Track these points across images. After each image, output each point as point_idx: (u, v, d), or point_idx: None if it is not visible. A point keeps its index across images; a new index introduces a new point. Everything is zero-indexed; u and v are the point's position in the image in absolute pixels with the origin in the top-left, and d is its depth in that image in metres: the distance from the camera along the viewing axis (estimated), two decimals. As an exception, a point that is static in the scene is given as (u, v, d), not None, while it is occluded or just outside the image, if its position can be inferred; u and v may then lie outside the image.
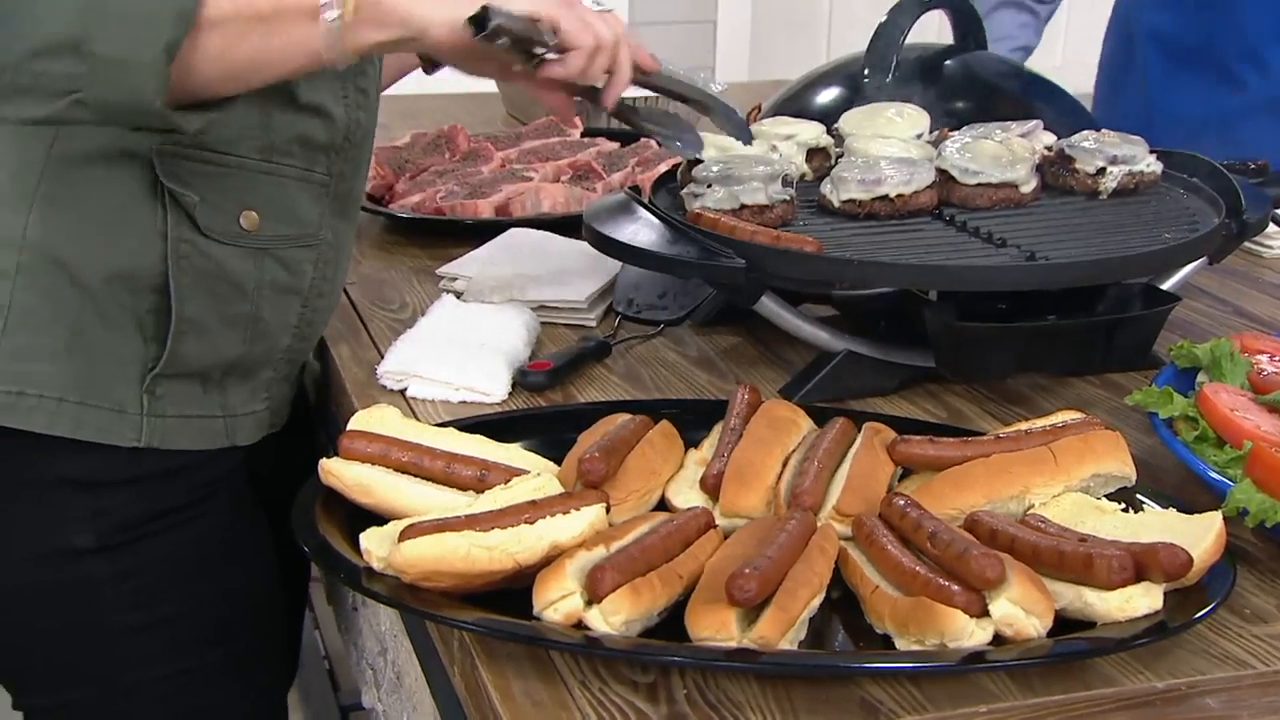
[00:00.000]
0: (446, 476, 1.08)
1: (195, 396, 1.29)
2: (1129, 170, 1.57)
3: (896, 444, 1.12)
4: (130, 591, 1.30)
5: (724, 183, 1.48)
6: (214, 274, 1.27)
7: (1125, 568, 0.91)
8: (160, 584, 1.29)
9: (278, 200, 1.30)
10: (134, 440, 1.26)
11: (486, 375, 1.42)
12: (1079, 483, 1.09)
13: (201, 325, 1.27)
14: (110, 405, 1.25)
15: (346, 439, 1.09)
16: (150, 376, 1.25)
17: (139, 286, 1.23)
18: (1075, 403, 1.44)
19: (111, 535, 1.27)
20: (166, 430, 1.27)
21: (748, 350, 1.59)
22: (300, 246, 1.34)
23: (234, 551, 1.36)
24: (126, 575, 1.29)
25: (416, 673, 1.16)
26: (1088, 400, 1.44)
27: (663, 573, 0.94)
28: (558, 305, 1.67)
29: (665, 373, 1.54)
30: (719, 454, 1.15)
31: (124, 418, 1.25)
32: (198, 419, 1.30)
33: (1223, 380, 1.23)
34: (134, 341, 1.24)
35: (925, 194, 1.51)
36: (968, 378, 1.39)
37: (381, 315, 1.71)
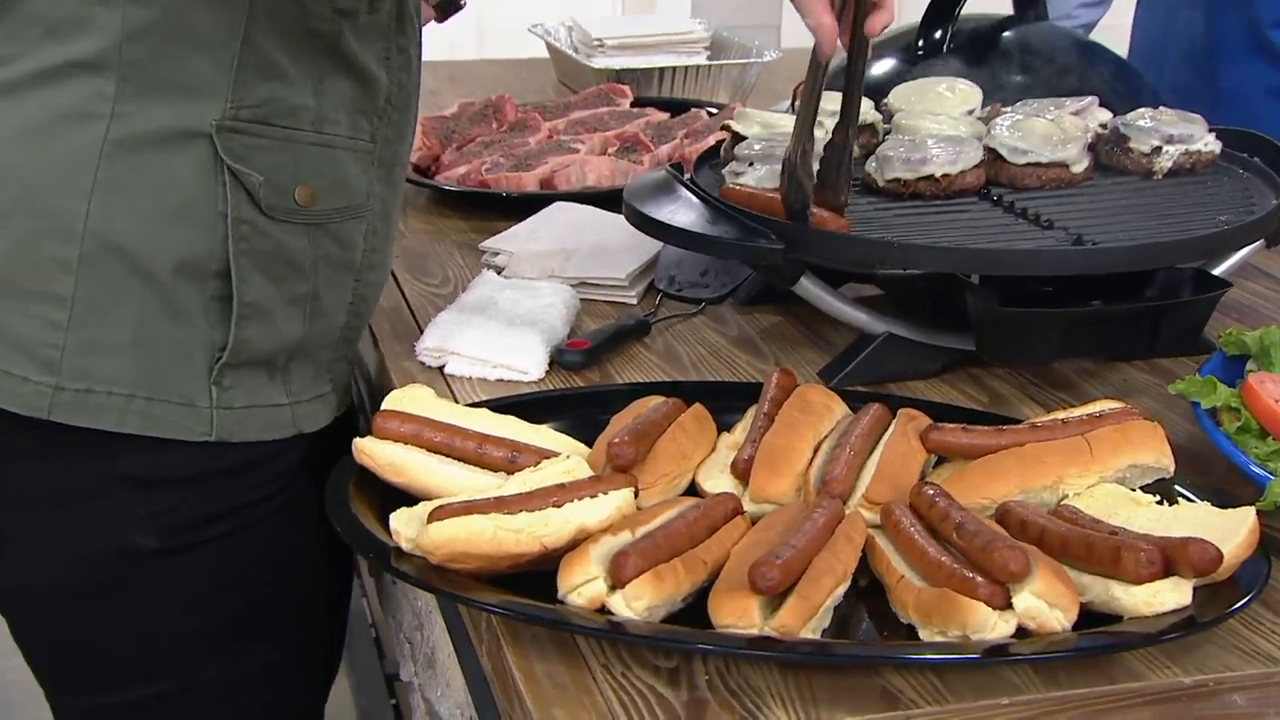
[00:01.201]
0: (478, 457, 1.11)
1: (262, 385, 1.28)
2: (1185, 150, 1.56)
3: (929, 431, 1.13)
4: (186, 596, 1.30)
5: (765, 160, 1.49)
6: (273, 254, 1.26)
7: (1153, 562, 0.93)
8: (216, 588, 1.28)
9: (328, 171, 1.29)
10: (205, 435, 1.24)
11: (524, 353, 1.45)
12: (1114, 474, 1.10)
13: (263, 309, 1.26)
14: (179, 399, 1.24)
15: (380, 418, 1.12)
16: (218, 367, 1.24)
17: (201, 272, 1.22)
18: (1122, 388, 1.44)
19: (173, 536, 1.27)
20: (236, 422, 1.26)
21: (789, 330, 1.61)
22: (351, 219, 1.33)
23: (291, 554, 1.36)
24: (184, 579, 1.29)
25: (449, 650, 1.20)
26: (1135, 386, 1.44)
27: (687, 559, 0.96)
28: (598, 282, 1.70)
29: (704, 352, 1.56)
30: (750, 439, 1.17)
31: (194, 411, 1.24)
32: (265, 409, 1.29)
33: (1271, 369, 1.23)
34: (199, 330, 1.24)
35: (972, 174, 1.51)
36: (1009, 362, 1.40)
37: (422, 289, 1.74)
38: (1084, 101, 1.68)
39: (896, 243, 1.32)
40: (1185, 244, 1.32)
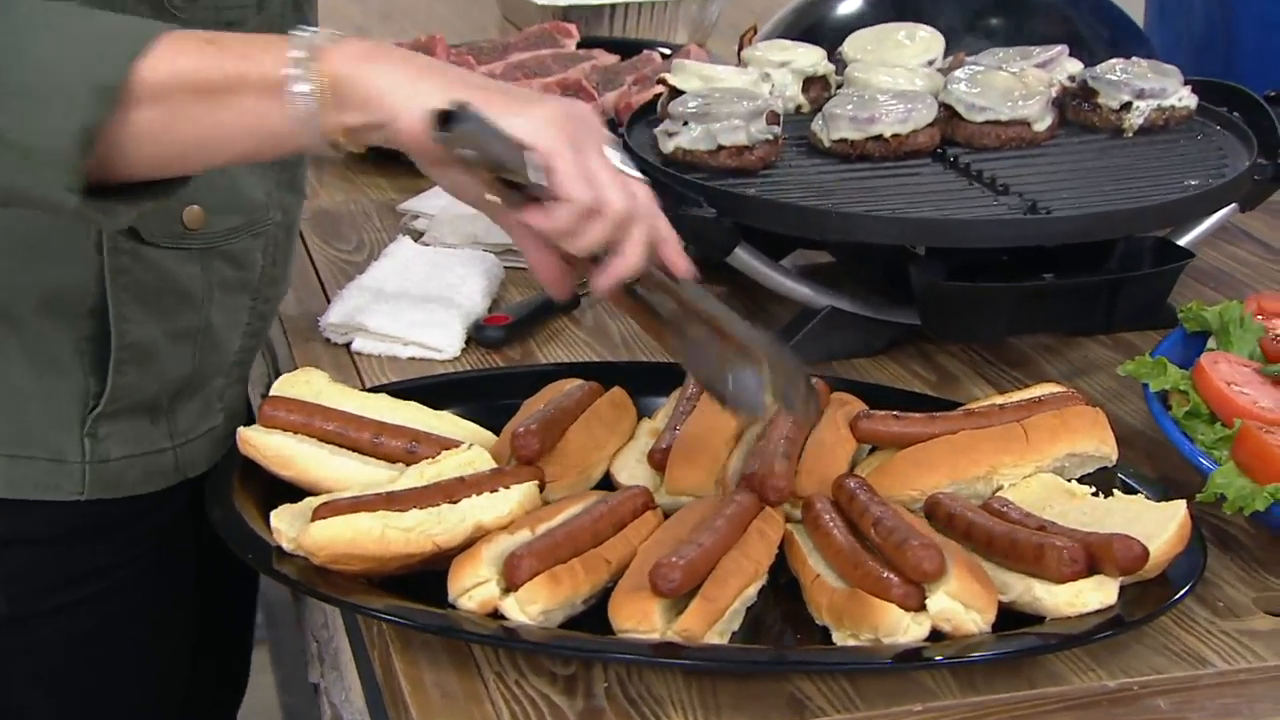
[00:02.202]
0: (373, 448, 1.15)
1: (142, 430, 1.23)
2: (1158, 105, 1.60)
3: (859, 420, 1.18)
4: (39, 669, 1.25)
5: (701, 120, 1.52)
6: (157, 287, 1.20)
7: (1076, 560, 0.97)
8: (74, 660, 1.23)
9: (220, 186, 1.22)
10: (75, 493, 1.19)
11: (438, 330, 1.49)
12: (1052, 462, 1.15)
13: (146, 349, 1.20)
14: (47, 455, 1.18)
15: (267, 405, 1.16)
16: (91, 417, 1.19)
17: (72, 312, 1.16)
18: (1082, 365, 1.49)
19: (27, 603, 1.22)
20: (110, 476, 1.21)
21: (732, 302, 1.64)
22: (249, 235, 1.27)
23: (161, 621, 1.31)
24: (37, 649, 1.24)
25: (349, 655, 1.24)
26: (1095, 362, 1.49)
27: (588, 559, 1.01)
28: (526, 249, 1.73)
29: (635, 327, 1.58)
30: (670, 426, 1.21)
31: (63, 468, 1.19)
32: (144, 456, 1.24)
33: (1229, 348, 1.28)
34: (70, 378, 1.18)
35: (925, 133, 1.55)
36: (956, 339, 1.45)
37: (334, 256, 1.78)
38: (1053, 51, 1.71)
39: (834, 211, 1.36)
40: (1143, 212, 1.36)
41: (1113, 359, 1.50)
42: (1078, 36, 1.98)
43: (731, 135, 1.50)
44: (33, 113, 0.90)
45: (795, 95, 1.70)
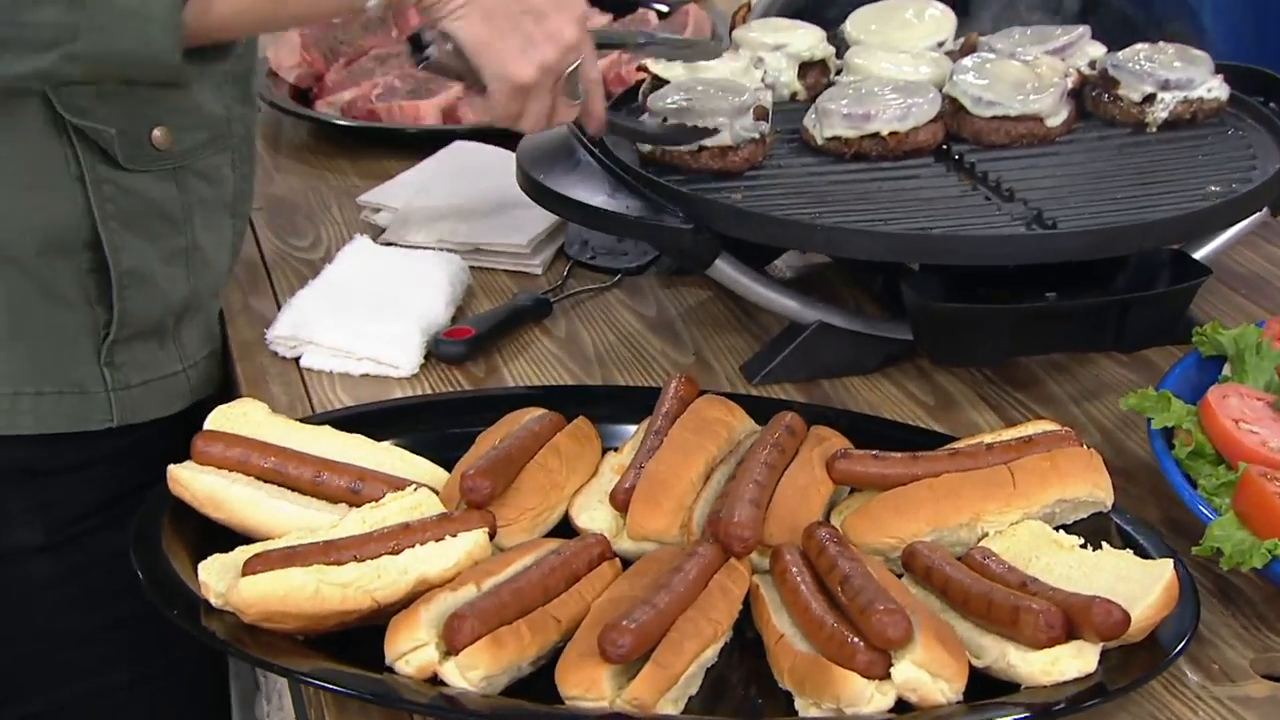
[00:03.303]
0: (315, 487, 1.20)
1: (155, 356, 1.43)
2: (1184, 97, 1.63)
3: (835, 460, 1.22)
4: (79, 593, 1.43)
5: (681, 116, 1.56)
6: (142, 211, 1.38)
7: (1053, 625, 1.02)
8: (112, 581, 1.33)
9: (182, 105, 1.39)
10: (105, 421, 1.39)
11: (395, 344, 1.54)
12: (1040, 509, 1.19)
13: (143, 273, 1.39)
14: (71, 388, 1.38)
15: (201, 441, 1.21)
16: (106, 345, 1.38)
17: (69, 246, 1.35)
18: (1093, 386, 1.53)
19: (60, 529, 1.41)
20: (135, 402, 1.41)
21: (716, 310, 1.69)
22: (215, 151, 1.45)
23: None
24: (74, 574, 1.43)
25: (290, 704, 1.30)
26: (1107, 383, 1.53)
27: (535, 618, 1.06)
28: (496, 249, 1.78)
29: (613, 339, 1.64)
30: (635, 463, 1.26)
31: (89, 399, 1.39)
32: (161, 380, 1.44)
33: (1244, 377, 1.32)
34: (80, 310, 1.37)
35: (927, 130, 1.58)
36: (953, 363, 1.49)
37: (287, 253, 1.83)
38: (1074, 33, 1.75)
39: (819, 225, 1.40)
40: (1155, 226, 1.40)
41: (1127, 379, 1.54)
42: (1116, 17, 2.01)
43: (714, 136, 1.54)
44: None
45: (791, 81, 1.74)
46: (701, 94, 1.58)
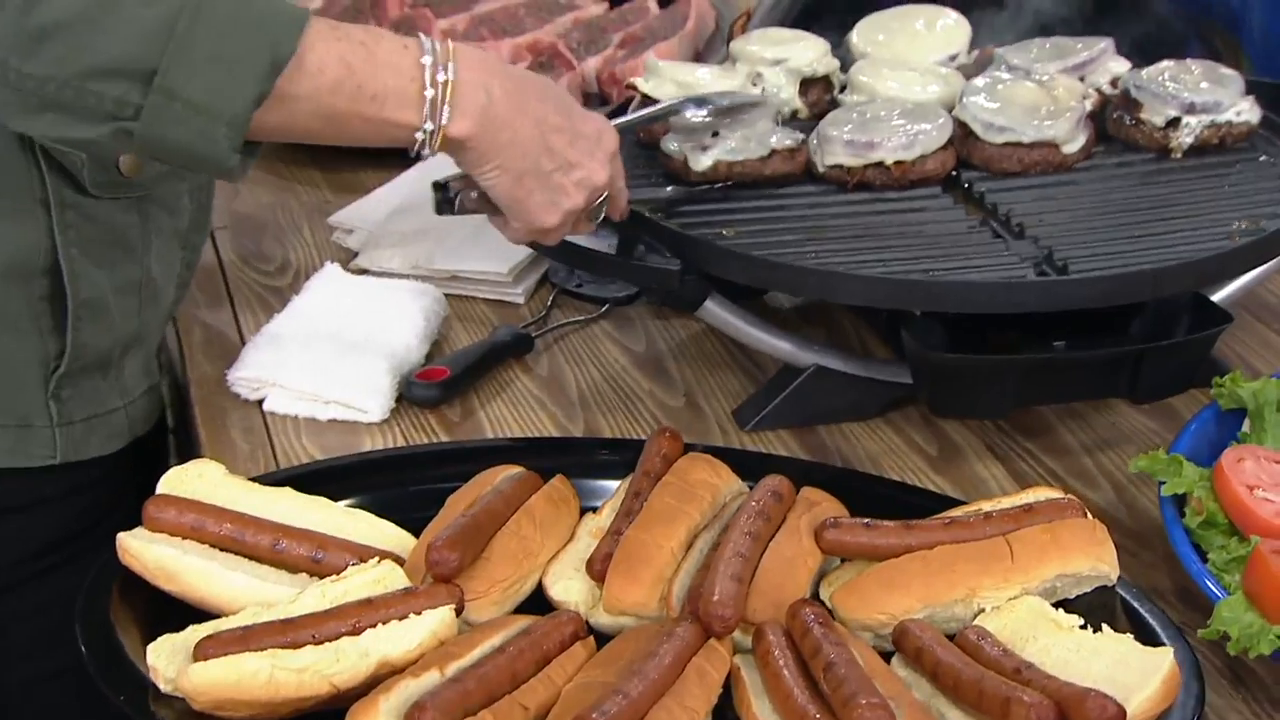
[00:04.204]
0: (274, 555, 1.24)
1: (99, 390, 1.49)
2: (1211, 121, 1.66)
3: (824, 530, 1.26)
4: (42, 632, 1.49)
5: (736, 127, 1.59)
6: (103, 239, 1.45)
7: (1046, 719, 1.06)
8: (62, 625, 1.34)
9: None
10: (48, 458, 1.46)
11: (364, 386, 1.58)
12: (1040, 584, 1.22)
13: (98, 304, 1.46)
14: (15, 421, 1.44)
15: (153, 506, 1.25)
16: (55, 378, 1.45)
17: (27, 272, 1.41)
18: (1109, 434, 1.57)
19: (14, 571, 1.48)
20: (78, 438, 1.48)
21: (708, 345, 1.73)
22: (177, 178, 1.52)
23: None
24: (36, 613, 1.49)
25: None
26: (1124, 432, 1.57)
27: (502, 707, 1.09)
28: (476, 277, 1.81)
29: (598, 378, 1.68)
30: (614, 528, 1.30)
31: (33, 433, 1.45)
32: (103, 417, 1.50)
33: (1263, 437, 1.35)
34: (29, 340, 1.43)
35: (935, 159, 1.61)
36: (956, 415, 1.52)
37: (253, 280, 1.86)
38: (1096, 47, 1.77)
39: (813, 268, 1.43)
40: (1171, 272, 1.42)
41: (1145, 428, 1.57)
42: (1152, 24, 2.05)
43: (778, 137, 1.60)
44: (215, 75, 1.18)
45: (791, 98, 1.77)
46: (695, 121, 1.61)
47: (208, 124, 1.19)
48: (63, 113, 1.19)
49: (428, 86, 1.27)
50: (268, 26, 1.21)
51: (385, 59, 1.27)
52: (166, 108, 1.18)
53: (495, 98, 1.31)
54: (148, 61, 1.17)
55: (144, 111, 1.18)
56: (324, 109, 1.25)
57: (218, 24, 1.18)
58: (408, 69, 1.27)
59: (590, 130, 1.38)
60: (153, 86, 1.17)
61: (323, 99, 1.24)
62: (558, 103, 1.37)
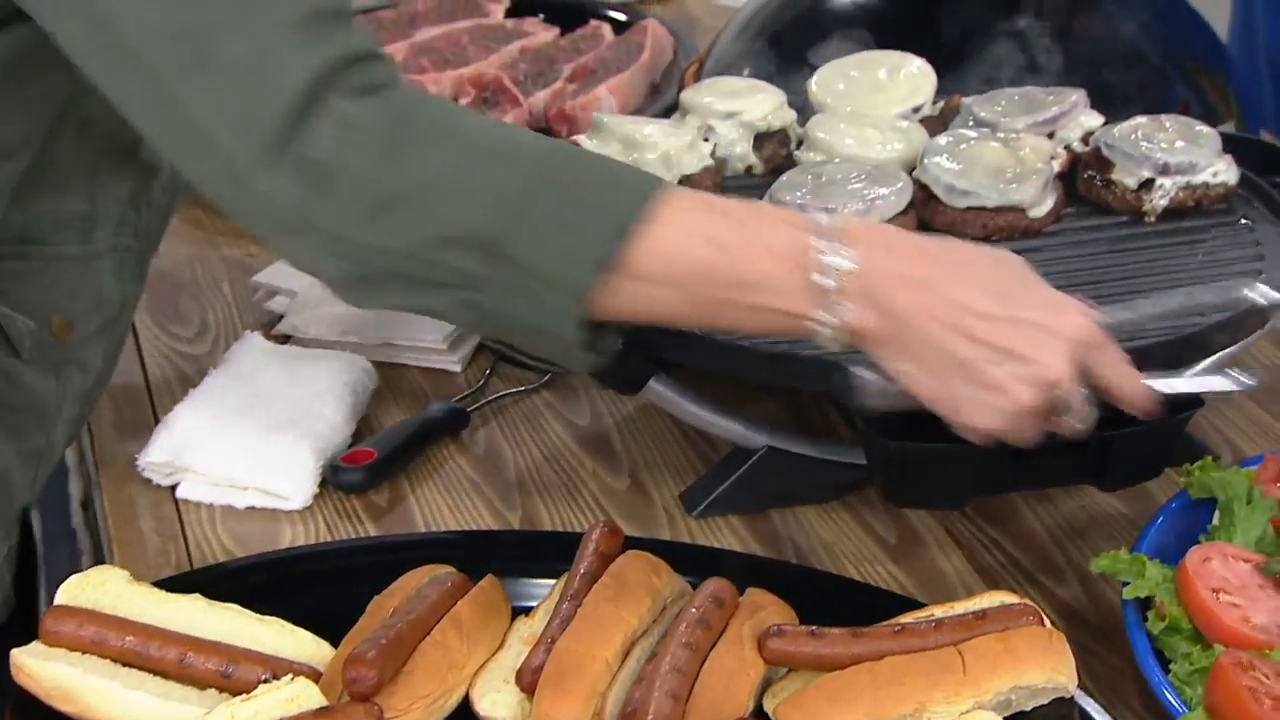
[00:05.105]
0: (181, 670, 1.27)
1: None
2: (1186, 183, 1.70)
3: (767, 638, 1.29)
4: None
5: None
6: (19, 406, 1.44)
7: None
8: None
9: (83, 288, 1.47)
10: None
11: (285, 471, 1.61)
12: (994, 697, 1.26)
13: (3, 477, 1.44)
14: None
15: (51, 619, 1.27)
16: None
17: None
18: (1078, 520, 1.61)
19: None
20: None
21: (656, 419, 1.76)
22: (99, 336, 1.52)
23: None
24: None
25: None
26: (1095, 517, 1.61)
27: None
28: (409, 345, 1.84)
29: (538, 456, 1.71)
30: (546, 636, 1.33)
31: None
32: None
33: (1232, 532, 1.39)
34: None
35: (894, 225, 1.65)
36: (914, 506, 1.56)
37: (168, 346, 1.89)
38: (1067, 101, 1.81)
39: (757, 350, 1.46)
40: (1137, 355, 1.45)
41: (1116, 512, 1.62)
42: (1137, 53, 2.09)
43: None
44: (556, 239, 1.19)
45: (745, 154, 1.82)
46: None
47: (550, 294, 1.19)
48: (406, 283, 1.21)
49: (817, 272, 1.22)
50: (617, 189, 1.22)
51: (762, 237, 1.23)
52: (509, 277, 1.19)
53: (900, 282, 1.24)
54: (491, 229, 1.18)
55: (487, 281, 1.19)
56: (688, 291, 1.22)
57: (563, 188, 1.21)
58: (791, 250, 1.23)
59: (1037, 316, 1.25)
60: (495, 255, 1.18)
61: (684, 279, 1.22)
62: (990, 281, 1.27)
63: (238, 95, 1.17)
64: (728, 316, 1.26)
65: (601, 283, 1.20)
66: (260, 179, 1.17)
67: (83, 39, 1.20)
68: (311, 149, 1.17)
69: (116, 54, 1.18)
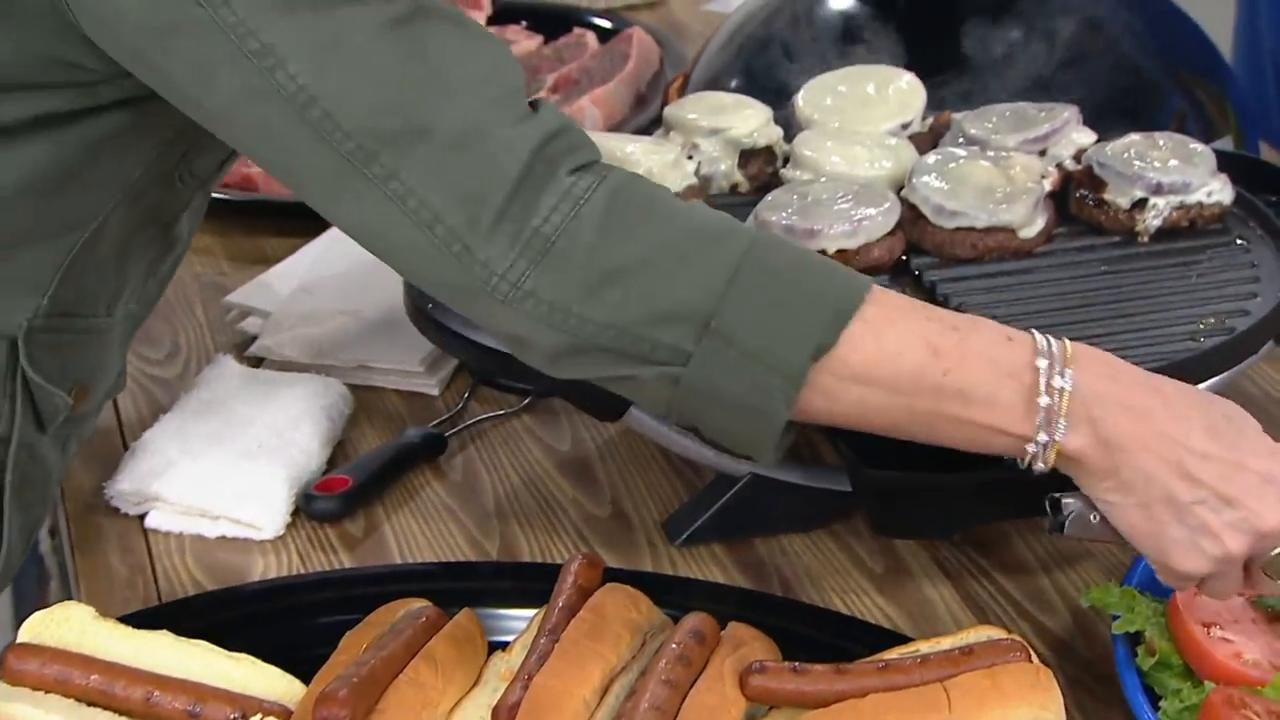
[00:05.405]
0: (147, 709, 1.27)
1: None
2: (1180, 203, 1.71)
3: (749, 675, 1.29)
4: None
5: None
6: (35, 479, 1.48)
7: None
8: None
9: (99, 358, 1.51)
10: None
11: (257, 500, 1.61)
12: (980, 735, 1.27)
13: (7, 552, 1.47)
14: None
15: (13, 657, 1.27)
16: None
17: None
18: (1071, 551, 1.61)
19: None
20: None
21: (639, 444, 1.77)
22: (101, 403, 1.56)
23: None
24: None
25: None
26: (1089, 547, 1.61)
27: None
28: (386, 368, 1.85)
29: (518, 482, 1.72)
30: (523, 672, 1.33)
31: None
32: None
33: (1225, 567, 1.39)
34: None
35: (881, 246, 1.65)
36: (900, 537, 1.57)
37: (137, 369, 1.89)
38: (1059, 118, 1.82)
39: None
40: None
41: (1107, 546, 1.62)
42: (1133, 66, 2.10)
43: None
44: (774, 324, 1.22)
45: (730, 171, 1.82)
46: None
47: (762, 373, 1.22)
48: (616, 357, 1.24)
49: (1042, 393, 1.24)
50: (831, 278, 1.25)
51: (983, 349, 1.25)
52: (719, 354, 1.22)
53: (1121, 410, 1.25)
54: (706, 306, 1.21)
55: (694, 358, 1.22)
56: (901, 396, 1.24)
57: (780, 270, 1.23)
58: (1014, 366, 1.24)
59: (1259, 464, 1.25)
60: (708, 331, 1.21)
61: (898, 382, 1.24)
62: (1212, 423, 1.26)
63: (461, 166, 1.21)
64: (937, 428, 1.27)
65: (815, 371, 1.22)
66: (487, 250, 1.21)
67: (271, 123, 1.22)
68: (536, 220, 1.21)
69: (317, 134, 1.20)
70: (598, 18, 2.84)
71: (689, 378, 1.24)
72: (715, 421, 1.28)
